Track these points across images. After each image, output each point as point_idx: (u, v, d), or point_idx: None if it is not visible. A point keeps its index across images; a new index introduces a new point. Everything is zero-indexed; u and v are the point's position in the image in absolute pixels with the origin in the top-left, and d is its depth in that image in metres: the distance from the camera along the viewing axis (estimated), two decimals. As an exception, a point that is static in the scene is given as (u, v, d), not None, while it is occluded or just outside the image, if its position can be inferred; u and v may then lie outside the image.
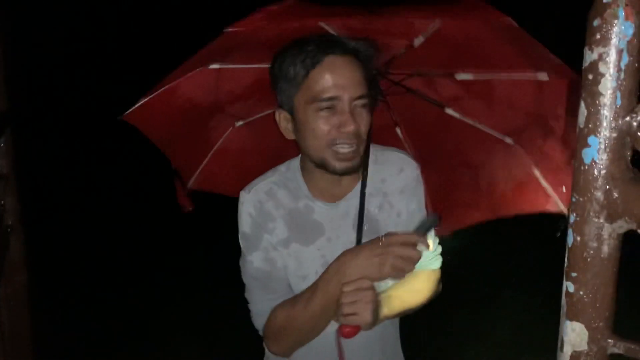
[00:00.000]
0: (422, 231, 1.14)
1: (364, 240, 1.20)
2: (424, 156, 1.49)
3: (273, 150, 1.54)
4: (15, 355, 1.63)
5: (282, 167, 1.28)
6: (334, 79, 1.09)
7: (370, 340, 1.24)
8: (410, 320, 1.29)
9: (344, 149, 1.11)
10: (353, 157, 1.13)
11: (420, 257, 1.10)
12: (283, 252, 1.23)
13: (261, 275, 1.24)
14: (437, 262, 1.31)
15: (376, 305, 1.09)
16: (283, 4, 1.36)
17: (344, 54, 1.10)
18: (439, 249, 1.33)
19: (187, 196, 1.58)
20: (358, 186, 1.24)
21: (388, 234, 1.12)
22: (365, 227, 1.22)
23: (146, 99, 1.41)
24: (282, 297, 1.22)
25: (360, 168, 1.19)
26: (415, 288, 1.23)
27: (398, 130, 1.60)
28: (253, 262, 1.24)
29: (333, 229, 1.23)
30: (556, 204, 1.50)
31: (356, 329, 1.10)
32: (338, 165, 1.13)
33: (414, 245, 1.09)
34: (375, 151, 1.27)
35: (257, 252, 1.23)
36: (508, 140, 1.51)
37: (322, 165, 1.15)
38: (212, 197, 1.68)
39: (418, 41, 1.35)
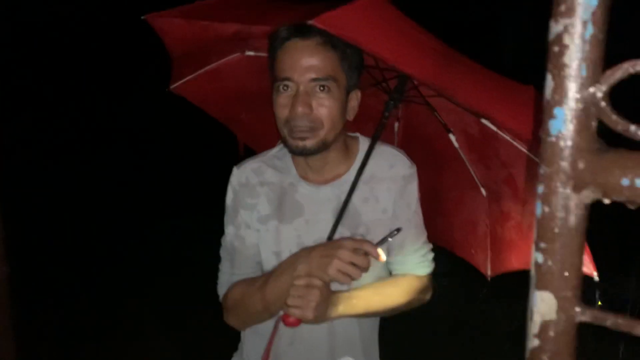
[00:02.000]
0: (379, 240, 1.17)
1: (342, 229, 1.22)
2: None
3: (261, 95, 1.55)
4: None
5: (275, 149, 1.33)
6: (290, 61, 1.14)
7: (318, 333, 1.27)
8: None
9: (296, 128, 1.15)
10: (306, 137, 1.16)
11: (368, 267, 1.12)
12: (261, 228, 1.28)
13: (230, 249, 1.30)
14: (423, 269, 1.32)
15: (326, 304, 1.12)
16: None
17: (308, 37, 1.13)
18: (430, 255, 1.34)
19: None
20: (347, 175, 1.26)
21: (342, 238, 1.15)
22: (344, 219, 1.23)
23: (183, 16, 1.38)
24: (246, 274, 1.28)
25: (323, 151, 1.20)
26: (388, 291, 1.25)
27: (452, 137, 1.56)
28: (227, 235, 1.31)
29: (312, 211, 1.26)
30: (482, 264, 1.58)
31: (298, 321, 1.15)
32: (292, 143, 1.18)
33: (364, 253, 1.11)
34: (368, 144, 1.29)
35: (232, 227, 1.30)
36: (483, 190, 1.55)
37: (286, 146, 1.20)
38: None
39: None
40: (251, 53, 1.53)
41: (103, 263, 4.25)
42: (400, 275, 1.32)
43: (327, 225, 1.24)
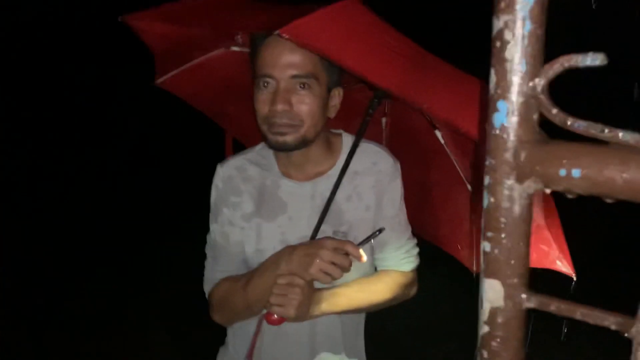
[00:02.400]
0: (361, 241, 1.18)
1: (325, 227, 1.23)
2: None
3: (248, 88, 1.57)
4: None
5: (258, 146, 1.34)
6: (270, 57, 1.15)
7: (300, 330, 1.27)
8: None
9: (276, 124, 1.16)
10: (286, 132, 1.17)
11: (349, 267, 1.13)
12: (245, 225, 1.28)
13: (215, 247, 1.32)
14: (408, 265, 1.33)
15: (308, 302, 1.13)
16: None
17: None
18: (414, 251, 1.35)
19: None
20: (330, 172, 1.26)
21: (325, 237, 1.16)
22: (327, 215, 1.24)
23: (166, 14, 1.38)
24: (231, 272, 1.28)
25: (304, 147, 1.21)
26: (372, 288, 1.26)
27: (438, 133, 1.58)
28: (211, 233, 1.33)
29: (296, 208, 1.26)
30: (466, 258, 1.60)
31: (280, 319, 1.17)
32: (272, 138, 1.18)
33: (346, 253, 1.12)
34: (351, 141, 1.29)
35: (215, 224, 1.32)
36: (468, 186, 1.57)
37: (266, 142, 1.19)
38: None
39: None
40: (236, 49, 1.54)
41: (105, 264, 4.25)
42: (385, 271, 1.33)
43: (310, 222, 1.25)
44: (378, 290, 1.28)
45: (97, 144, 6.52)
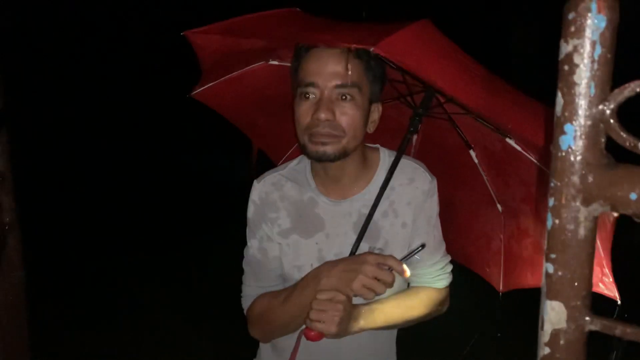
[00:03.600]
0: (404, 256, 1.17)
1: (361, 244, 1.22)
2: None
3: (280, 101, 1.59)
4: (13, 353, 1.64)
5: (294, 161, 1.34)
6: (315, 66, 1.15)
7: (338, 346, 1.26)
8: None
9: (318, 133, 1.15)
10: (327, 142, 1.16)
11: (393, 282, 1.12)
12: (282, 242, 1.28)
13: (254, 262, 1.31)
14: (442, 282, 1.32)
15: (348, 318, 1.12)
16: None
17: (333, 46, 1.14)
18: (448, 268, 1.33)
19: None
20: (367, 188, 1.26)
21: (367, 252, 1.15)
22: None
23: (218, 31, 1.42)
24: (270, 287, 1.28)
25: (342, 159, 1.20)
26: (407, 304, 1.25)
27: (472, 152, 1.57)
28: (249, 248, 1.32)
29: (333, 225, 1.26)
30: (490, 275, 1.60)
31: (320, 335, 1.15)
32: (312, 148, 1.18)
33: (389, 268, 1.11)
34: (391, 157, 1.29)
35: (254, 240, 1.31)
36: (499, 206, 1.55)
37: (305, 152, 1.19)
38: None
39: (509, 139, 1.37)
40: (275, 62, 1.55)
41: (134, 269, 4.28)
42: (419, 288, 1.32)
43: (347, 239, 1.24)
44: (413, 306, 1.27)
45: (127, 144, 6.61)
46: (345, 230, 1.25)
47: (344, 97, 1.15)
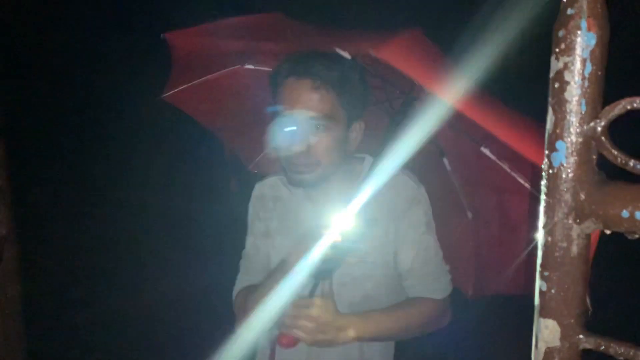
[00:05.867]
0: (316, 277, 1.16)
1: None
2: None
3: (258, 109, 1.59)
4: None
5: None
6: (289, 98, 1.18)
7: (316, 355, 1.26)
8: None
9: (294, 164, 1.19)
10: (304, 171, 1.20)
11: (317, 320, 1.11)
12: (270, 241, 1.34)
13: (246, 257, 1.40)
14: (438, 293, 1.29)
15: (331, 327, 1.11)
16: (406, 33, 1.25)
17: (305, 77, 1.16)
18: (444, 279, 1.31)
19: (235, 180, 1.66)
20: (352, 196, 1.25)
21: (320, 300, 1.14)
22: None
23: (196, 33, 1.42)
24: (257, 280, 1.31)
25: (323, 183, 1.23)
26: (402, 314, 1.24)
27: (445, 160, 1.58)
28: (246, 244, 1.40)
29: (320, 230, 1.26)
30: (466, 287, 1.59)
31: (293, 342, 1.13)
32: (291, 176, 1.22)
33: (305, 311, 1.12)
34: (374, 166, 1.28)
35: (250, 237, 1.39)
36: (469, 213, 1.55)
37: (286, 177, 1.25)
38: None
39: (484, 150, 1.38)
40: (250, 66, 1.55)
41: (133, 280, 4.27)
42: (415, 299, 1.30)
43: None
44: (409, 316, 1.25)
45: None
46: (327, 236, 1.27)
47: (318, 126, 1.18)
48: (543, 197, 0.42)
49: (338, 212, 1.22)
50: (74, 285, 4.19)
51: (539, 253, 0.43)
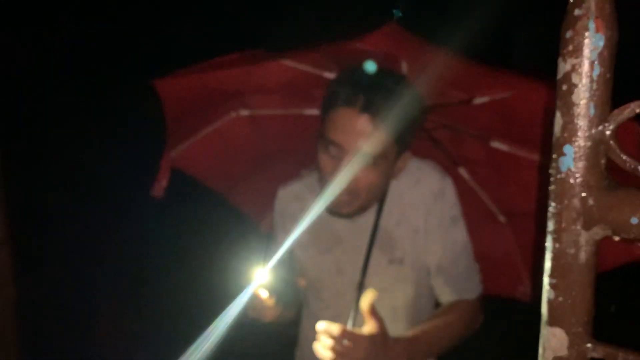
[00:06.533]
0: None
1: (379, 255, 1.20)
2: None
3: (266, 154, 1.53)
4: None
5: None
6: (341, 127, 1.08)
7: None
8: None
9: (335, 197, 1.10)
10: (343, 206, 1.13)
11: (368, 356, 0.97)
12: (301, 254, 1.29)
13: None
14: (470, 292, 1.22)
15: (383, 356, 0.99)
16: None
17: (362, 111, 1.07)
18: (476, 278, 1.24)
19: (163, 180, 1.44)
20: (376, 204, 1.22)
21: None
22: (379, 244, 1.20)
23: (189, 75, 1.32)
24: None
25: (357, 215, 1.19)
26: (446, 322, 1.17)
27: (462, 170, 1.49)
28: (275, 255, 1.28)
29: (350, 240, 1.24)
30: (525, 293, 1.48)
31: None
32: (330, 206, 1.13)
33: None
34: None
35: (279, 248, 1.25)
36: (501, 218, 1.46)
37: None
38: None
39: (479, 100, 1.22)
40: (245, 113, 1.45)
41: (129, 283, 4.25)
42: (452, 304, 1.22)
43: (362, 253, 1.20)
44: (451, 326, 1.17)
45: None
46: (362, 244, 1.21)
47: (367, 163, 1.09)
48: (551, 202, 0.41)
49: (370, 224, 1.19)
50: (71, 288, 4.17)
51: (547, 260, 0.42)
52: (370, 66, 1.12)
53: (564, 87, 0.39)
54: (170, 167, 1.41)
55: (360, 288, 1.14)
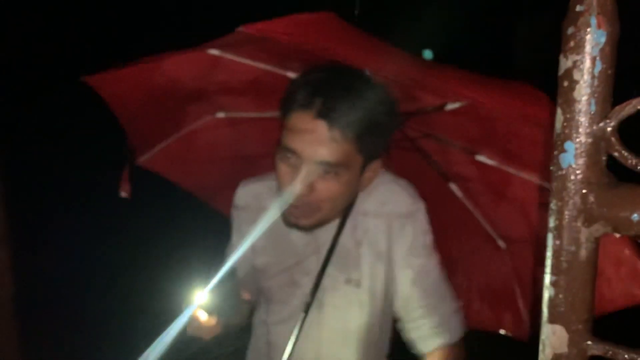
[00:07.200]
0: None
1: (336, 274, 1.14)
2: None
3: (243, 157, 1.49)
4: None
5: None
6: (299, 134, 0.99)
7: None
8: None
9: (292, 205, 1.02)
10: (300, 217, 1.04)
11: None
12: (255, 258, 1.22)
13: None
14: (447, 336, 1.10)
15: None
16: (319, 15, 1.06)
17: (319, 117, 0.97)
18: (454, 318, 1.12)
19: (129, 180, 1.38)
20: (338, 220, 1.14)
21: None
22: (337, 261, 1.13)
23: (122, 68, 1.21)
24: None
25: (316, 228, 1.10)
26: None
27: (453, 186, 1.40)
28: (227, 251, 1.26)
29: (306, 254, 1.18)
30: (522, 332, 1.37)
31: None
32: (287, 217, 1.07)
33: None
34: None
35: (233, 247, 1.25)
36: (501, 243, 1.35)
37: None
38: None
39: (451, 106, 1.12)
40: (222, 115, 1.38)
41: (124, 280, 4.24)
42: (430, 354, 1.11)
43: (319, 267, 1.13)
44: None
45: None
46: (318, 257, 1.15)
47: (327, 172, 1.00)
48: (551, 199, 0.41)
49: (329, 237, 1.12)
50: (69, 287, 4.16)
51: (547, 257, 0.41)
52: (331, 65, 1.02)
53: (565, 83, 0.39)
54: (133, 169, 1.36)
55: (311, 303, 1.10)
